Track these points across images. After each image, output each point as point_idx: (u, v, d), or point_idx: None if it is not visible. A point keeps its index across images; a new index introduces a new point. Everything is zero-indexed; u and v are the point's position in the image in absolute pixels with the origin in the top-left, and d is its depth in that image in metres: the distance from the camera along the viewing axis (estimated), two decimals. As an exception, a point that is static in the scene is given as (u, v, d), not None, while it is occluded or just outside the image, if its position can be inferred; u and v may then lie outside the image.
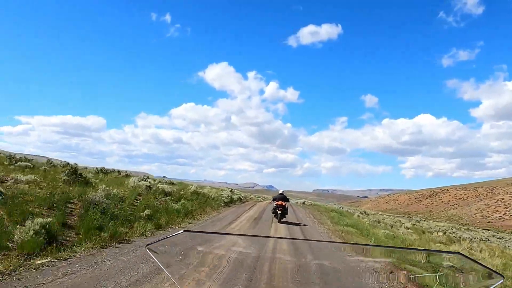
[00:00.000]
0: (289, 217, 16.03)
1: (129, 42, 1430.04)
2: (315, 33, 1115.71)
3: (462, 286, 1.33)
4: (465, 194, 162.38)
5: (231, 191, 31.52)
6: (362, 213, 34.42)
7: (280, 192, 15.57)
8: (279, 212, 14.23)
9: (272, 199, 16.81)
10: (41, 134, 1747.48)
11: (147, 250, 1.37)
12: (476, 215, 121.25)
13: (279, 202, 14.48)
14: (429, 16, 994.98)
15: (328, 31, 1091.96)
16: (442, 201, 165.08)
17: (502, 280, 1.20)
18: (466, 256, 1.20)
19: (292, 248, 1.89)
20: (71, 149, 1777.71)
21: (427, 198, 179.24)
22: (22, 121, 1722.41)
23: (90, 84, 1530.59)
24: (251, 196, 55.87)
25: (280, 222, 14.18)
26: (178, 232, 1.41)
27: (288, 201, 16.09)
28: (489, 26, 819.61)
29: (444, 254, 1.40)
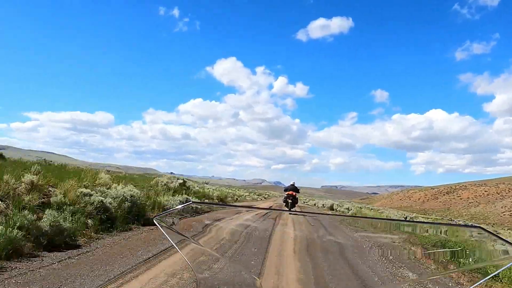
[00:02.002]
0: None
1: (136, 37, 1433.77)
2: (325, 27, 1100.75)
3: (483, 260, 1.33)
4: (485, 191, 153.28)
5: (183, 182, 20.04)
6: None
7: (291, 183, 16.39)
8: (289, 201, 15.21)
9: (284, 189, 17.44)
10: (50, 130, 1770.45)
11: (154, 221, 1.38)
12: (504, 213, 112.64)
13: (290, 192, 15.54)
14: (443, 8, 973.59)
15: (338, 24, 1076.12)
16: (461, 198, 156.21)
17: None
18: (487, 231, 1.18)
19: (303, 222, 2.12)
20: (80, 145, 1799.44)
21: (444, 195, 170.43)
22: (31, 117, 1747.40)
23: (98, 80, 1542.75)
24: (248, 195, 46.87)
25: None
26: (185, 204, 1.43)
27: (299, 192, 16.88)
28: (505, 18, 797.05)
29: (464, 229, 1.41)
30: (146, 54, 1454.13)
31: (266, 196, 59.78)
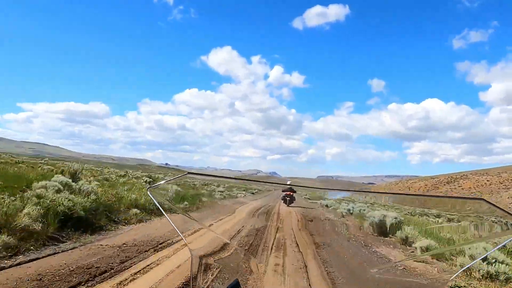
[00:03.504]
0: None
1: (130, 26, 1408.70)
2: (322, 15, 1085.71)
3: (487, 233, 1.71)
4: (487, 180, 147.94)
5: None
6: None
7: (288, 183, 15.79)
8: (287, 199, 15.11)
9: (281, 190, 16.63)
10: (45, 121, 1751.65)
11: (147, 192, 1.35)
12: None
13: (288, 192, 15.29)
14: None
15: (335, 12, 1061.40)
16: (463, 188, 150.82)
17: None
18: (491, 203, 1.17)
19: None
20: (75, 136, 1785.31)
21: (444, 184, 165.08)
22: (24, 108, 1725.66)
23: (93, 70, 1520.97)
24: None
25: None
26: (181, 174, 1.37)
27: (295, 192, 15.98)
28: (504, 5, 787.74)
29: (467, 201, 1.42)
30: (140, 43, 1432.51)
31: (255, 191, 45.97)
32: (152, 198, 1.31)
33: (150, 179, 20.37)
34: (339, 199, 10.59)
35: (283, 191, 17.98)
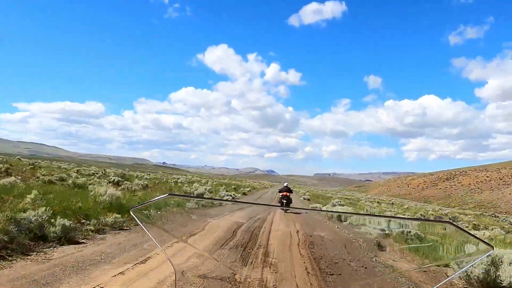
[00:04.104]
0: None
1: (126, 24, 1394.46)
2: (318, 11, 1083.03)
3: (452, 255, 2.21)
4: (487, 176, 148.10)
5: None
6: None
7: (285, 184, 17.59)
8: (284, 201, 16.39)
9: (278, 191, 18.45)
10: (40, 121, 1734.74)
11: (131, 213, 1.36)
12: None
13: (284, 193, 16.62)
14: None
15: (331, 8, 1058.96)
16: (462, 185, 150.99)
17: (492, 251, 1.19)
18: (456, 226, 1.21)
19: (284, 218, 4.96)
20: (72, 136, 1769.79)
21: (443, 181, 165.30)
22: (20, 108, 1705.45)
23: (88, 69, 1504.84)
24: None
25: None
26: (162, 196, 1.40)
27: (292, 192, 17.74)
28: (500, 0, 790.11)
29: (434, 224, 1.94)
30: (136, 42, 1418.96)
31: (249, 189, 35.77)
32: (135, 218, 1.35)
33: (120, 179, 18.95)
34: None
35: (279, 191, 17.57)
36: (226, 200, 15.89)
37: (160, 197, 1.38)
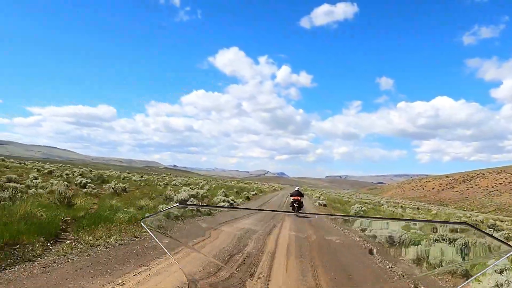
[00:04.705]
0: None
1: (137, 28, 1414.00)
2: (329, 13, 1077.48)
3: (471, 257, 2.16)
4: (506, 178, 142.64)
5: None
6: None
7: (296, 188, 17.65)
8: (296, 205, 16.34)
9: (289, 195, 18.56)
10: (53, 124, 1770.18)
11: (141, 223, 1.42)
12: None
13: (296, 197, 16.55)
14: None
15: (343, 10, 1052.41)
16: (480, 187, 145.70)
17: None
18: (475, 227, 1.18)
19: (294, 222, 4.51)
20: (83, 139, 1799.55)
21: (460, 183, 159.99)
22: (33, 112, 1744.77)
23: (100, 73, 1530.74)
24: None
25: None
26: (172, 206, 1.47)
27: (303, 196, 17.77)
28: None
29: (451, 225, 1.83)
30: (147, 45, 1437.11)
31: (254, 193, 32.01)
32: (146, 228, 1.38)
33: (90, 181, 16.62)
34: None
35: (290, 195, 17.38)
36: (237, 208, 14.11)
37: (170, 207, 1.47)
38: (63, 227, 6.96)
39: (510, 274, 4.33)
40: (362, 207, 21.00)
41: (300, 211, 15.96)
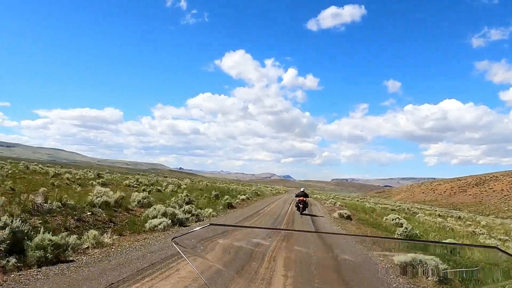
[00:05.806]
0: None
1: (143, 31, 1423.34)
2: (336, 16, 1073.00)
3: (500, 283, 1.27)
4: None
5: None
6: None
7: (301, 189, 18.71)
8: (301, 206, 17.43)
9: (295, 195, 19.59)
10: (60, 127, 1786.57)
11: (172, 243, 1.40)
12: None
13: (301, 198, 17.71)
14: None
15: (350, 12, 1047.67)
16: (494, 190, 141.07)
17: None
18: (504, 251, 1.14)
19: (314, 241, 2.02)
20: (90, 142, 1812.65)
21: (473, 186, 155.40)
22: (40, 115, 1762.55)
23: (106, 76, 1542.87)
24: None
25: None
26: (204, 226, 1.46)
27: (308, 197, 18.69)
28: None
29: (479, 249, 1.33)
30: (153, 48, 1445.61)
31: (247, 196, 27.18)
32: (177, 248, 1.38)
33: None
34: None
35: (296, 196, 18.30)
36: (270, 228, 11.17)
37: (201, 227, 1.43)
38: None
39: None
40: (399, 218, 16.92)
41: (304, 212, 17.61)
